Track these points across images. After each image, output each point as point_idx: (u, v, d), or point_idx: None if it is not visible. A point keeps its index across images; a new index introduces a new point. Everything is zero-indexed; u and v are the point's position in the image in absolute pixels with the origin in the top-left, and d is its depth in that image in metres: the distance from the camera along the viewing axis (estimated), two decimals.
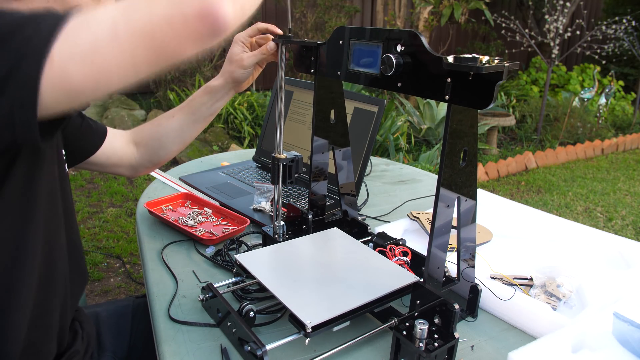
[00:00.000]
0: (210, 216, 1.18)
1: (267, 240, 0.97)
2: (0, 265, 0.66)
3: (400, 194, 1.44)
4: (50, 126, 0.56)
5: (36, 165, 0.68)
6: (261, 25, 1.02)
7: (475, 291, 0.82)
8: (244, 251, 1.03)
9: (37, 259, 0.70)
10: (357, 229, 1.02)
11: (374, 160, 1.77)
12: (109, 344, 0.98)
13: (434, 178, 1.59)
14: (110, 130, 1.06)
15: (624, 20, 5.62)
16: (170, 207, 1.23)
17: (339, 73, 0.85)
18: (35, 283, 0.71)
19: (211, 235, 1.09)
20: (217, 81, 1.04)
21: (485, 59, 0.65)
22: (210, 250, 1.05)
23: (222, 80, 1.03)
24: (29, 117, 0.51)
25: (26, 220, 0.68)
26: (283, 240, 0.94)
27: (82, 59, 0.51)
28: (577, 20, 5.50)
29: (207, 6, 0.51)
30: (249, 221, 1.13)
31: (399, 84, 0.74)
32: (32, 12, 0.53)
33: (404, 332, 0.69)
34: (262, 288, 0.82)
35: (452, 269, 0.86)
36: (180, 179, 1.45)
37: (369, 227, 1.01)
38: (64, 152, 0.84)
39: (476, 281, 0.82)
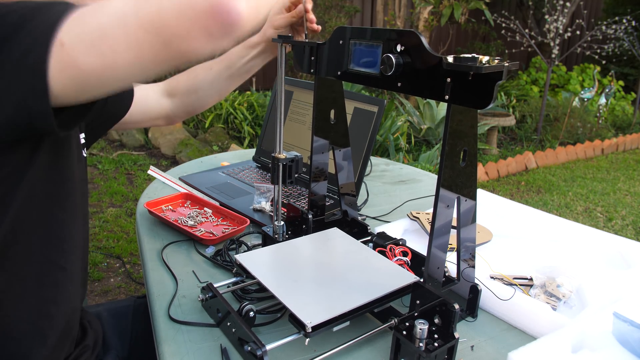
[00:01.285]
0: (210, 216, 1.18)
1: (267, 240, 0.97)
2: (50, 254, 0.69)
3: (400, 194, 1.44)
4: (69, 117, 0.57)
5: (61, 151, 0.69)
6: None
7: (475, 291, 0.82)
8: (244, 251, 1.03)
9: (80, 248, 0.73)
10: (357, 229, 1.02)
11: (374, 160, 1.77)
12: (112, 343, 0.98)
13: (434, 178, 1.59)
14: (141, 87, 1.07)
15: (624, 20, 5.61)
16: (170, 207, 1.23)
17: (339, 73, 0.85)
18: (79, 274, 0.75)
19: (211, 235, 1.09)
20: (255, 37, 1.08)
21: (485, 59, 0.65)
22: (210, 250, 1.05)
23: (258, 37, 1.07)
24: (42, 102, 0.52)
25: (63, 208, 0.69)
26: (283, 240, 0.94)
27: (90, 43, 0.51)
28: (577, 20, 5.50)
29: (219, 2, 0.49)
30: (249, 221, 1.13)
31: (399, 84, 0.74)
32: (43, 1, 0.54)
33: (404, 332, 0.69)
34: (262, 288, 0.82)
35: (452, 269, 0.86)
36: (180, 179, 1.45)
37: (369, 227, 1.01)
38: (83, 135, 0.85)
39: (476, 281, 0.82)
